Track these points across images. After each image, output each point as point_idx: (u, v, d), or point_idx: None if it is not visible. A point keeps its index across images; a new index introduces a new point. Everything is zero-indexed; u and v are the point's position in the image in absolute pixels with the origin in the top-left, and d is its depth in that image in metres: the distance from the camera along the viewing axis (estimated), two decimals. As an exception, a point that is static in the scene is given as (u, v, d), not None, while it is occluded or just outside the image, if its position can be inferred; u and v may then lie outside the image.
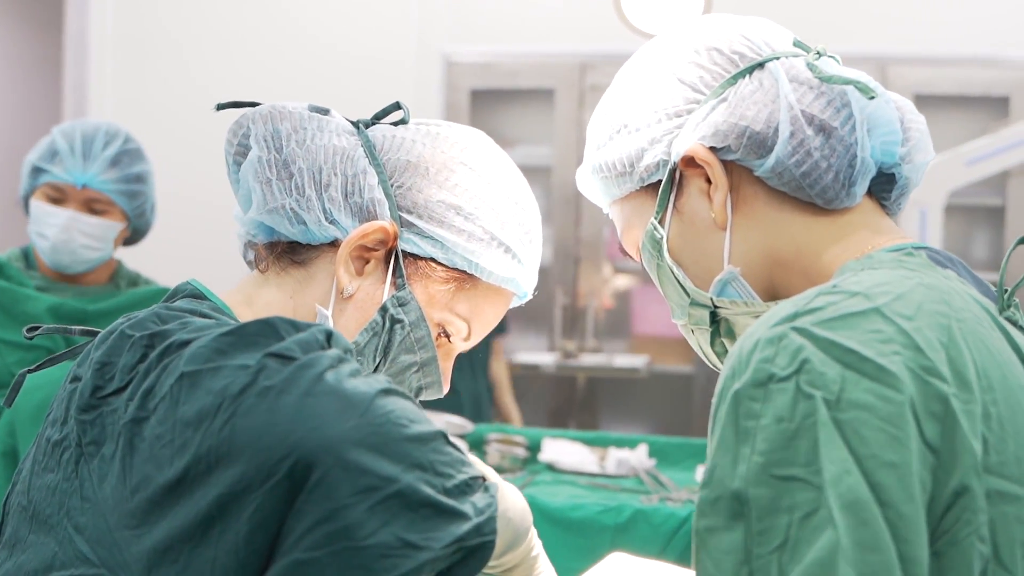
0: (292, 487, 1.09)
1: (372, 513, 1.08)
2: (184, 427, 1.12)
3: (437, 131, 1.44)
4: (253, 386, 1.12)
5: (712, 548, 1.02)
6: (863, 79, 1.25)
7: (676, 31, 1.36)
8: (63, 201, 2.97)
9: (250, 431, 1.10)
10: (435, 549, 1.09)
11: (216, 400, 1.12)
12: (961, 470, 1.01)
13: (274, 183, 1.36)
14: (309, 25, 6.10)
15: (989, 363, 1.07)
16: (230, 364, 1.14)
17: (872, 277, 1.12)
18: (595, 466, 3.90)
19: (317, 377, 1.12)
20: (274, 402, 1.11)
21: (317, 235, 1.37)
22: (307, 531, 1.08)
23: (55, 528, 1.20)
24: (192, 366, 1.15)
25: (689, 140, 1.27)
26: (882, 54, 5.77)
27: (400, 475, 1.09)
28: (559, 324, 5.99)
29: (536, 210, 1.48)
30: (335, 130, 1.40)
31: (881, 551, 0.96)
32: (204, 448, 1.11)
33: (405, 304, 1.38)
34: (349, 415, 1.10)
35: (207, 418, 1.12)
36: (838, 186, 1.24)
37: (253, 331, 1.17)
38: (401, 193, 1.39)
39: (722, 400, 1.06)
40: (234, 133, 1.40)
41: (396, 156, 1.40)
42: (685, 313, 1.34)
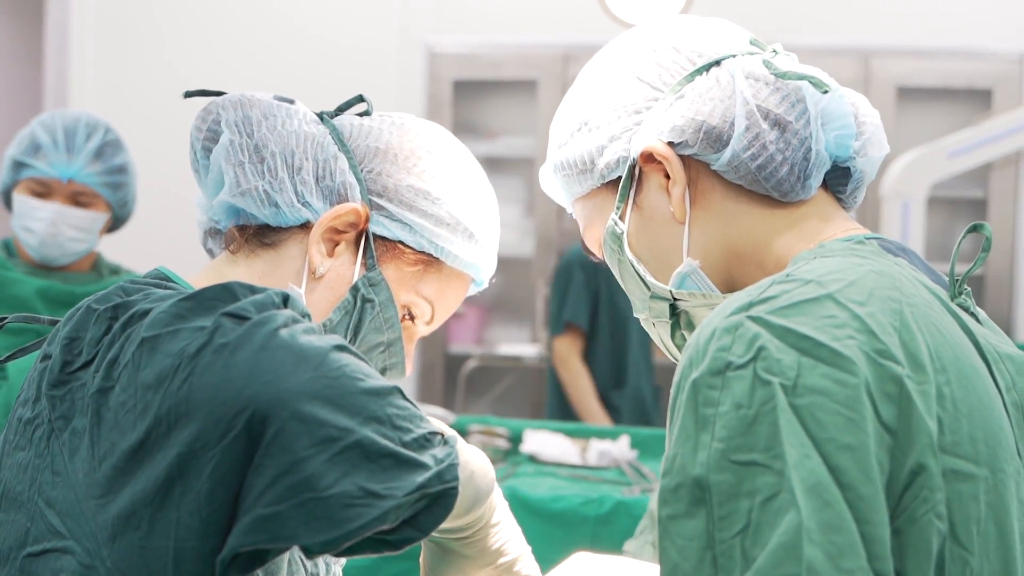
0: (250, 442, 1.09)
1: (332, 464, 1.08)
2: (145, 391, 1.13)
3: (401, 121, 1.48)
4: (209, 345, 1.13)
5: (675, 535, 1.04)
6: (817, 74, 1.27)
7: (636, 31, 1.38)
8: (48, 195, 2.98)
9: (206, 388, 1.11)
10: (398, 497, 1.09)
11: (175, 361, 1.13)
12: (917, 449, 1.03)
13: (247, 166, 1.38)
14: (292, 15, 6.09)
15: (941, 345, 1.10)
16: (188, 327, 1.15)
17: (824, 265, 1.14)
18: (577, 457, 3.91)
19: (271, 333, 1.14)
20: (229, 358, 1.12)
21: (289, 217, 1.40)
22: (268, 486, 1.08)
23: (26, 504, 1.21)
24: (152, 331, 1.16)
25: (648, 136, 1.29)
26: (865, 46, 5.78)
27: (357, 427, 1.10)
28: (541, 316, 5.99)
29: (495, 202, 1.53)
30: (303, 118, 1.43)
31: (845, 531, 0.98)
32: (164, 409, 1.12)
33: (376, 284, 1.42)
34: (304, 368, 1.12)
35: (166, 379, 1.13)
36: (793, 179, 1.26)
37: (211, 295, 1.18)
38: (371, 178, 1.43)
39: (680, 389, 1.08)
40: (203, 120, 1.42)
41: (365, 143, 1.44)
42: (646, 307, 1.36)
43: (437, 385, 6.04)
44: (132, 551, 1.12)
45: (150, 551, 1.11)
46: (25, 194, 2.99)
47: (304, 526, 1.07)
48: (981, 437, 1.08)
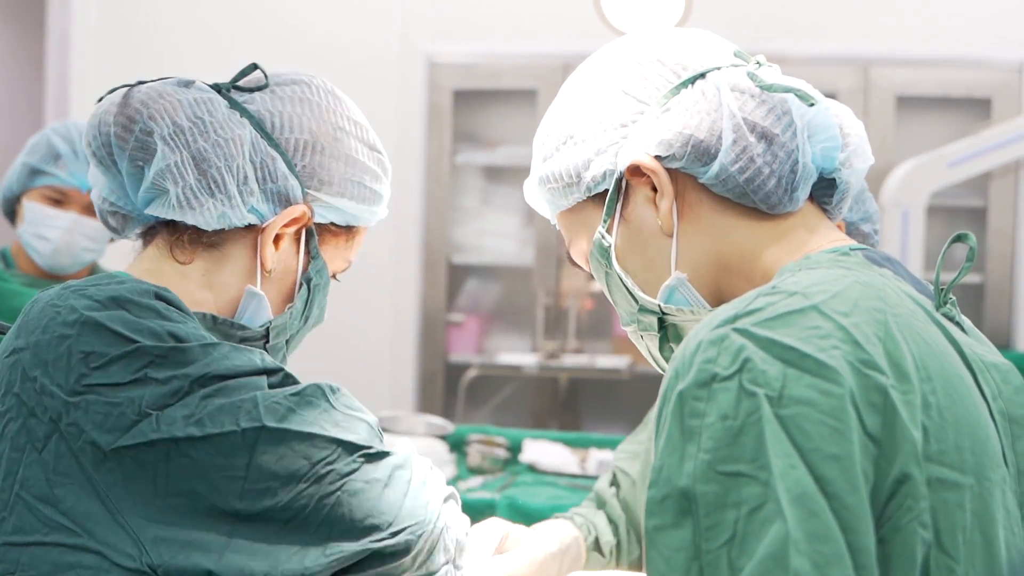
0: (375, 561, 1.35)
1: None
2: (265, 475, 1.29)
3: (300, 95, 1.54)
4: (359, 474, 1.33)
5: (662, 546, 1.05)
6: (803, 87, 1.28)
7: (619, 44, 1.39)
8: (64, 203, 3.00)
9: (362, 507, 1.32)
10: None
11: (310, 468, 1.30)
12: (902, 459, 1.04)
13: (194, 186, 1.43)
14: (292, 24, 6.09)
15: (927, 355, 1.10)
16: (323, 436, 1.32)
17: (809, 277, 1.15)
18: (576, 467, 3.90)
19: (408, 478, 1.38)
20: (382, 492, 1.35)
21: (236, 223, 1.46)
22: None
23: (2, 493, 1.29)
24: (273, 421, 1.30)
25: (635, 150, 1.30)
26: (865, 55, 5.78)
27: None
28: (541, 325, 5.99)
29: (384, 152, 1.63)
30: (225, 117, 1.46)
31: (831, 541, 0.98)
32: (296, 504, 1.29)
33: (320, 271, 1.55)
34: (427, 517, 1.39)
35: (297, 480, 1.29)
36: (780, 191, 1.27)
37: (310, 393, 1.35)
38: (306, 174, 1.51)
39: (666, 401, 1.09)
40: (125, 128, 1.43)
41: (290, 136, 1.50)
42: (634, 319, 1.37)
43: (437, 394, 6.04)
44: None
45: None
46: (40, 202, 3.00)
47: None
48: (967, 446, 1.08)
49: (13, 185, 3.03)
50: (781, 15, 5.80)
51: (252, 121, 1.49)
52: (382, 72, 5.96)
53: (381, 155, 1.60)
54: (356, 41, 6.02)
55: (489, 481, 3.76)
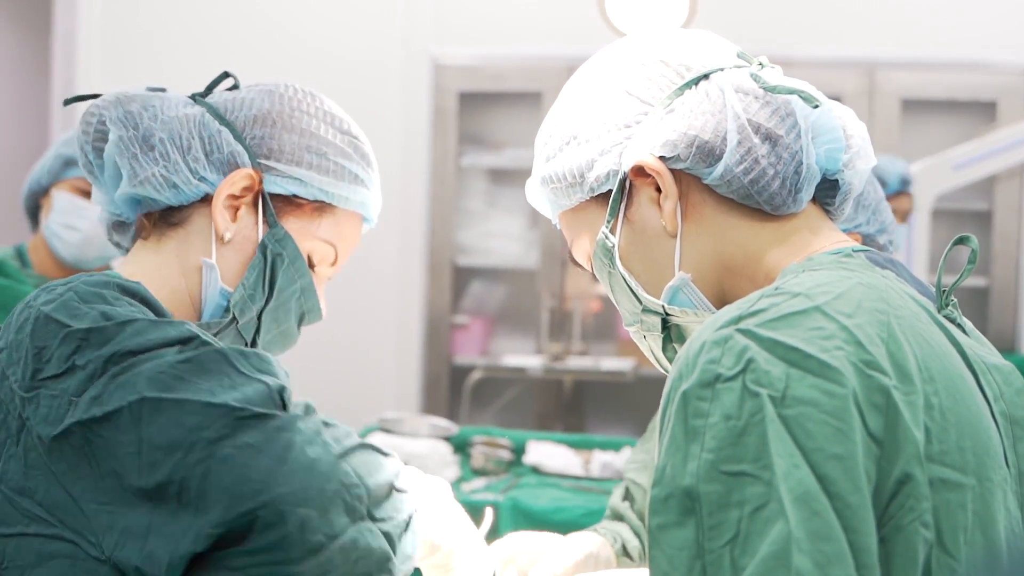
0: (244, 532, 1.25)
1: (316, 568, 1.28)
2: (152, 448, 1.25)
3: (270, 88, 1.59)
4: (231, 439, 1.26)
5: (665, 545, 1.05)
6: (806, 88, 1.28)
7: (623, 44, 1.39)
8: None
9: (224, 479, 1.25)
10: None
11: (189, 437, 1.25)
12: (904, 459, 1.04)
13: (140, 156, 1.49)
14: (297, 27, 6.10)
15: (929, 356, 1.11)
16: (194, 400, 1.27)
17: (813, 278, 1.15)
18: (580, 469, 3.91)
19: (288, 444, 1.28)
20: (251, 460, 1.26)
21: (188, 194, 1.51)
22: (253, 566, 1.26)
23: None
24: (154, 392, 1.27)
25: (639, 150, 1.30)
26: (870, 58, 5.78)
27: (343, 530, 1.29)
28: (546, 327, 5.99)
29: (369, 144, 1.65)
30: (179, 103, 1.54)
31: (834, 540, 0.99)
32: (178, 475, 1.25)
33: (280, 239, 1.54)
34: (312, 481, 1.28)
35: (179, 449, 1.25)
36: (785, 192, 1.27)
37: (207, 360, 1.31)
38: (256, 143, 1.54)
39: (670, 401, 1.09)
40: (88, 123, 1.52)
41: (242, 113, 1.55)
42: (637, 320, 1.37)
43: (442, 396, 6.04)
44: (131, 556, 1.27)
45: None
46: (71, 192, 3.02)
47: None
48: (969, 446, 1.09)
49: (43, 177, 3.05)
50: (786, 18, 5.80)
51: (207, 107, 1.55)
52: (387, 75, 5.97)
53: (357, 140, 1.61)
54: (361, 44, 6.03)
55: (493, 483, 3.76)
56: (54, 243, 3.06)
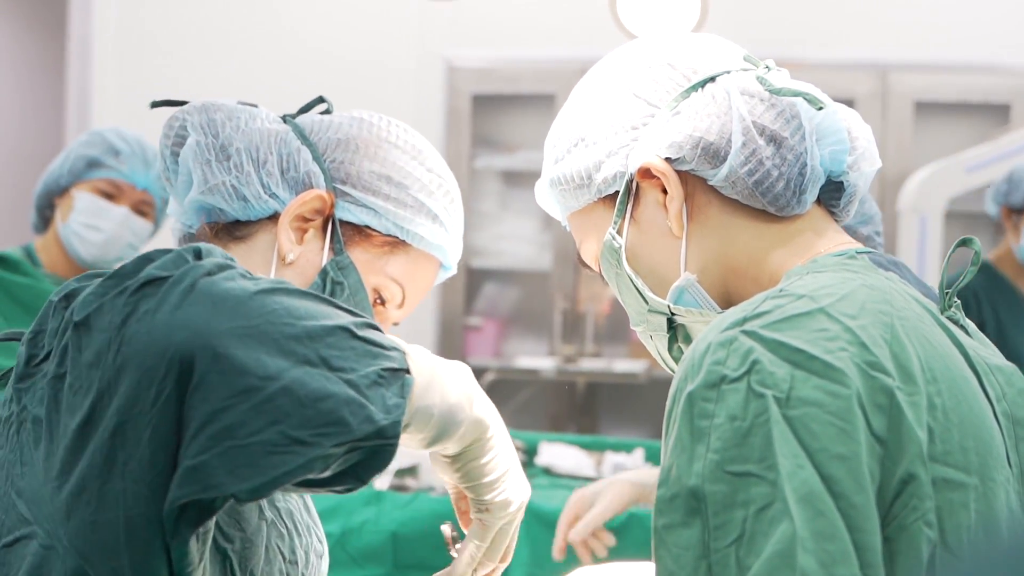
0: (179, 397, 1.08)
1: (254, 412, 1.07)
2: (88, 369, 1.13)
3: (361, 115, 1.53)
4: (134, 314, 1.11)
5: (671, 544, 1.06)
6: (811, 91, 1.29)
7: (631, 48, 1.40)
8: (117, 198, 3.07)
9: (136, 355, 1.10)
10: (325, 447, 1.08)
11: (107, 336, 1.12)
12: (908, 459, 1.05)
13: (213, 163, 1.45)
14: (310, 30, 6.11)
15: (932, 357, 1.12)
16: (110, 299, 1.14)
17: (817, 280, 1.16)
18: (591, 470, 3.91)
19: (189, 287, 1.12)
20: (151, 321, 1.10)
21: (257, 209, 1.46)
22: (193, 436, 1.08)
23: (1, 499, 1.23)
24: (82, 313, 1.15)
25: (645, 152, 1.31)
26: (883, 61, 5.77)
27: (282, 372, 1.08)
28: (559, 329, 6.00)
29: (458, 190, 1.57)
30: (266, 118, 1.50)
31: (838, 540, 1.00)
32: (104, 383, 1.11)
33: (344, 268, 1.45)
34: (223, 316, 1.10)
35: (103, 354, 1.12)
36: (789, 194, 1.28)
37: (129, 268, 1.17)
38: (334, 167, 1.48)
39: (676, 402, 1.10)
40: (170, 127, 1.50)
41: (327, 135, 1.50)
42: (644, 320, 1.38)
43: (455, 398, 6.04)
44: (84, 527, 1.13)
45: (101, 525, 1.12)
46: (93, 193, 3.05)
47: (229, 474, 1.07)
48: (972, 446, 1.10)
49: (62, 177, 3.08)
50: (798, 20, 5.80)
51: (293, 126, 1.50)
52: (401, 77, 5.99)
53: (442, 179, 1.53)
54: (375, 46, 6.04)
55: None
56: (73, 243, 3.08)
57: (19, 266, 3.05)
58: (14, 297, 3.00)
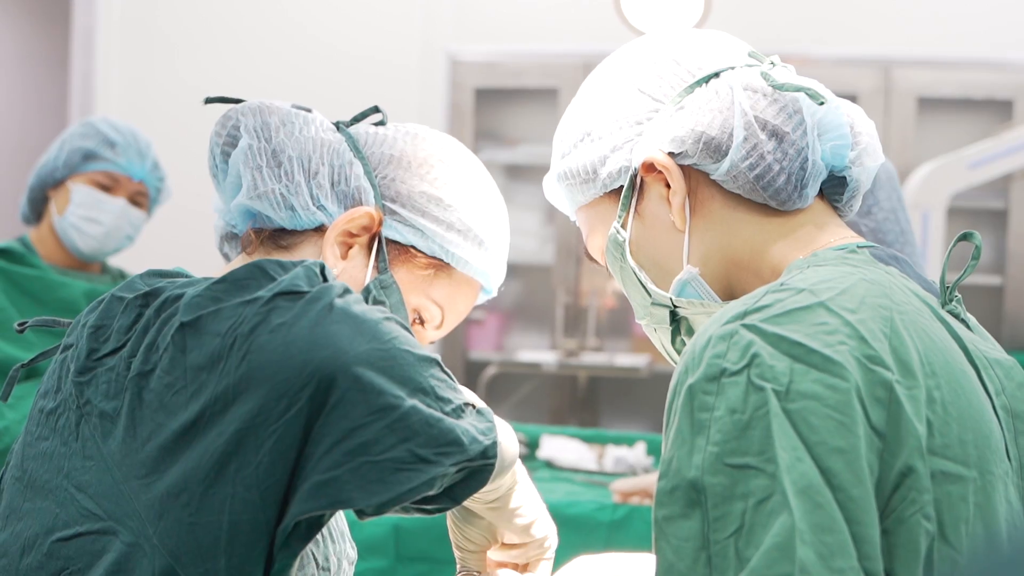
0: (312, 412, 1.15)
1: (388, 431, 1.14)
2: (197, 372, 1.18)
3: (415, 131, 1.51)
4: (265, 323, 1.18)
5: (671, 536, 1.06)
6: (814, 86, 1.30)
7: (637, 44, 1.41)
8: (113, 190, 3.09)
9: (267, 366, 1.15)
10: (445, 465, 1.17)
11: (226, 341, 1.17)
12: (906, 452, 1.05)
13: (264, 169, 1.42)
14: (314, 24, 6.11)
15: (931, 351, 1.12)
16: (229, 305, 1.20)
17: (817, 274, 1.17)
18: (593, 463, 3.92)
19: (327, 306, 1.19)
20: (287, 335, 1.16)
21: (304, 220, 1.43)
22: (326, 452, 1.14)
23: (55, 491, 1.24)
24: (190, 315, 1.20)
25: (649, 147, 1.32)
26: (886, 57, 5.78)
27: (409, 395, 1.17)
28: (561, 323, 6.01)
29: (505, 213, 1.57)
30: (320, 126, 1.47)
31: (836, 532, 1.00)
32: (220, 388, 1.16)
33: (387, 287, 1.43)
34: (361, 339, 1.17)
35: (220, 359, 1.17)
36: (790, 188, 1.29)
37: (243, 275, 1.23)
38: (384, 183, 1.46)
39: (676, 395, 1.11)
40: (223, 125, 1.46)
41: (379, 150, 1.47)
42: (647, 313, 1.39)
43: (457, 391, 6.05)
44: (181, 528, 1.16)
45: (201, 527, 1.15)
46: (90, 185, 3.07)
47: (360, 489, 1.13)
48: (970, 440, 1.10)
49: (57, 170, 3.09)
50: (802, 16, 5.80)
51: (345, 134, 1.48)
52: (404, 71, 5.99)
53: (493, 203, 1.53)
54: (378, 40, 6.04)
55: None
56: (72, 236, 3.08)
57: (23, 258, 3.07)
58: (23, 289, 3.02)
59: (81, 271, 3.17)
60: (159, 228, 3.77)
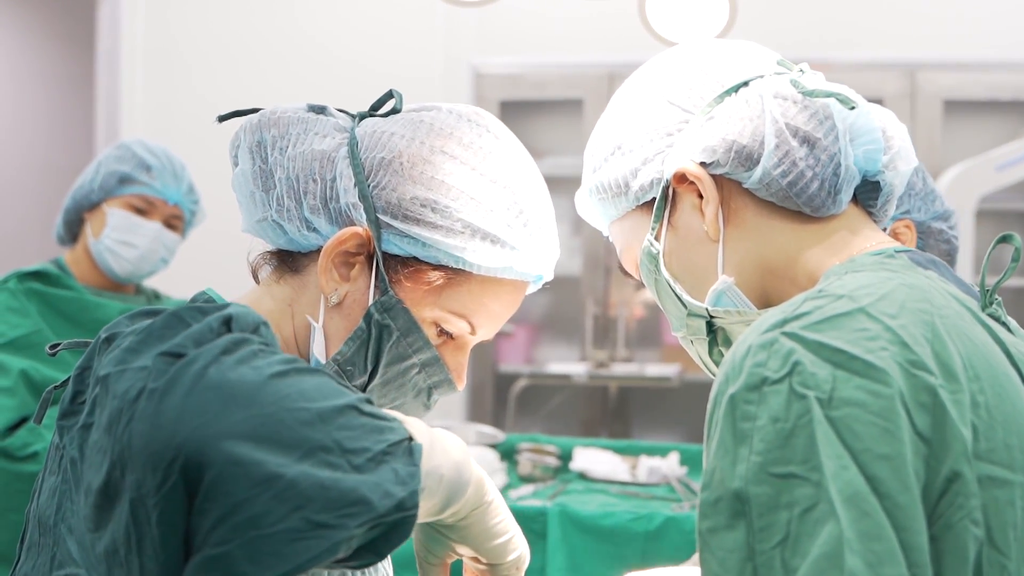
0: (188, 489, 1.05)
1: (277, 500, 1.04)
2: (104, 433, 1.11)
3: (422, 118, 1.39)
4: (144, 390, 1.08)
5: (716, 548, 1.06)
6: (844, 91, 1.29)
7: (665, 56, 1.41)
8: (149, 214, 3.11)
9: (141, 436, 1.06)
10: (350, 528, 1.06)
11: (119, 404, 1.09)
12: (952, 457, 1.05)
13: (256, 195, 1.37)
14: (337, 40, 6.13)
15: (974, 354, 1.11)
16: (133, 366, 1.10)
17: (856, 280, 1.16)
18: (626, 474, 3.91)
19: (199, 373, 1.08)
20: (158, 404, 1.06)
21: (301, 243, 1.37)
22: (213, 527, 1.05)
23: (53, 529, 1.22)
24: (106, 369, 1.13)
25: (680, 158, 1.32)
26: (912, 60, 5.76)
27: (298, 460, 1.06)
28: (590, 334, 6.00)
29: (536, 189, 1.43)
30: (321, 131, 1.38)
31: (884, 540, 0.99)
32: (116, 453, 1.08)
33: (390, 309, 1.35)
34: (233, 408, 1.06)
35: (115, 423, 1.09)
36: (824, 194, 1.28)
37: (160, 326, 1.14)
38: (377, 193, 1.34)
39: (717, 405, 1.10)
40: (232, 145, 1.42)
41: (374, 154, 1.36)
42: (683, 324, 1.38)
43: (487, 404, 6.06)
44: None
45: None
46: (125, 209, 3.09)
47: (252, 563, 1.04)
48: (1016, 444, 1.09)
49: (93, 193, 3.11)
50: (826, 21, 5.79)
51: (349, 140, 1.38)
52: (428, 85, 5.99)
53: (505, 188, 1.38)
54: (402, 54, 6.05)
55: (540, 489, 3.77)
56: (107, 259, 3.11)
57: (59, 280, 3.09)
58: (58, 311, 3.04)
59: (116, 292, 3.19)
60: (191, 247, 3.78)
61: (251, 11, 6.27)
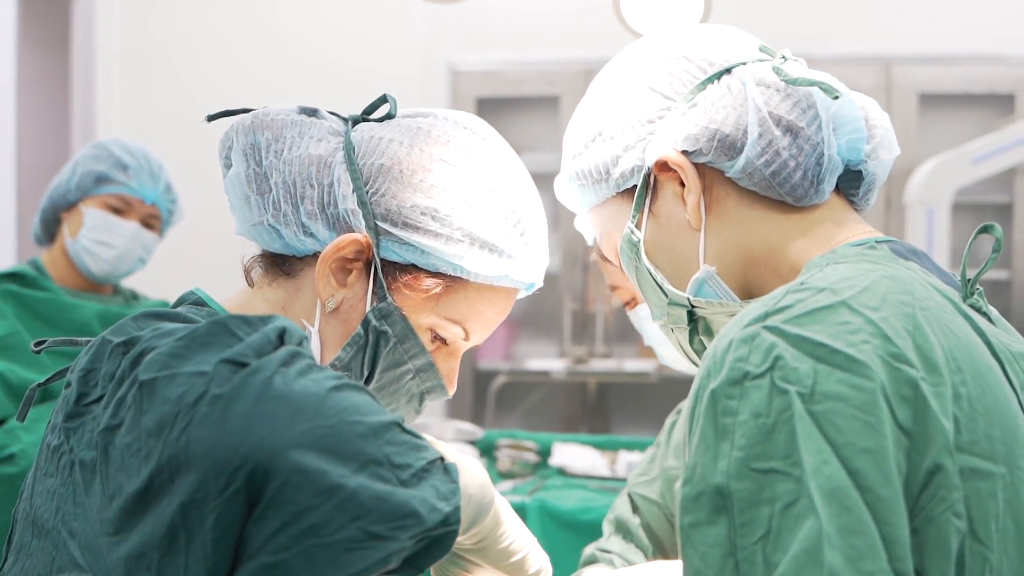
0: (251, 495, 1.08)
1: (337, 511, 1.08)
2: (147, 436, 1.12)
3: (419, 125, 1.41)
4: (205, 395, 1.10)
5: (697, 543, 1.05)
6: (827, 80, 1.29)
7: (646, 42, 1.40)
8: (126, 213, 3.10)
9: (204, 441, 1.09)
10: (401, 539, 1.09)
11: (173, 409, 1.11)
12: (934, 450, 1.04)
13: (252, 199, 1.37)
14: (315, 37, 6.12)
15: (955, 346, 1.11)
16: (184, 371, 1.13)
17: (837, 272, 1.15)
18: (606, 469, 3.91)
19: (266, 382, 1.11)
20: (225, 411, 1.09)
21: (297, 248, 1.37)
22: (272, 535, 1.08)
23: (51, 533, 1.21)
24: (149, 374, 1.14)
25: (662, 145, 1.31)
26: (887, 53, 5.78)
27: (356, 472, 1.09)
28: (568, 330, 6.00)
29: (531, 198, 1.45)
30: (316, 135, 1.38)
31: (865, 534, 0.99)
32: (165, 457, 1.10)
33: (388, 316, 1.36)
34: (300, 419, 1.10)
35: (166, 427, 1.11)
36: (807, 184, 1.28)
37: (204, 333, 1.16)
38: (376, 200, 1.35)
39: (699, 400, 1.09)
40: (222, 146, 1.41)
41: (371, 160, 1.36)
42: (664, 313, 1.37)
43: (466, 401, 6.05)
44: None
45: None
46: (102, 208, 3.07)
47: (309, 572, 1.07)
48: (998, 435, 1.08)
49: (70, 193, 3.09)
50: (802, 14, 5.80)
51: (346, 140, 1.38)
52: (405, 82, 5.99)
53: (504, 198, 1.40)
54: (379, 52, 6.05)
55: (520, 485, 3.77)
56: (84, 259, 3.09)
57: (35, 281, 3.08)
58: (35, 312, 3.03)
59: (93, 293, 3.18)
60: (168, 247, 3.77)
61: (228, 9, 6.26)
